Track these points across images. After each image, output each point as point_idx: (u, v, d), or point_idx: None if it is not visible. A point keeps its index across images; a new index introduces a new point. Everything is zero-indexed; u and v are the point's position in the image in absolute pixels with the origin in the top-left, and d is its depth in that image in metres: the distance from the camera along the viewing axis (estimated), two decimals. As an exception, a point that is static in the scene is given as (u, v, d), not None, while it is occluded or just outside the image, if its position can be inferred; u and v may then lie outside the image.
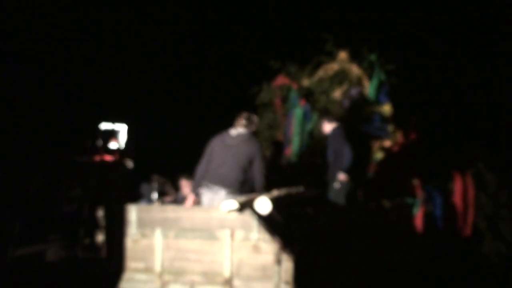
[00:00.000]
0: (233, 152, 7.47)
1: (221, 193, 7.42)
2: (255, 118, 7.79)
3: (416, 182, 9.66)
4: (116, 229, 8.23)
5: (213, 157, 7.56)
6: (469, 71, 13.58)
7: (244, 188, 7.42)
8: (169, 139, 13.86)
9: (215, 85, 14.70)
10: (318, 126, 9.25)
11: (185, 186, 9.43)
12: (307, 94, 11.11)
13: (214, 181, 7.47)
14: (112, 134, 10.84)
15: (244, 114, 7.73)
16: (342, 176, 8.76)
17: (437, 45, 14.06)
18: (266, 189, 7.44)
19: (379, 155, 10.25)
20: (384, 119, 10.52)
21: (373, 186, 9.75)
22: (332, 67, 11.22)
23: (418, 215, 9.46)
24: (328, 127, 9.20)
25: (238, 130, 7.65)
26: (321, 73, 11.28)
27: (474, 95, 12.71)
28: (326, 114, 9.50)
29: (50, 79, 13.68)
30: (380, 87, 10.82)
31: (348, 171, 8.74)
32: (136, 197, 9.86)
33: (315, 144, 10.42)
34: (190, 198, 7.73)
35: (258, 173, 7.48)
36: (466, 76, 13.44)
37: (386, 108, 10.58)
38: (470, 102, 12.39)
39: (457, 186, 9.91)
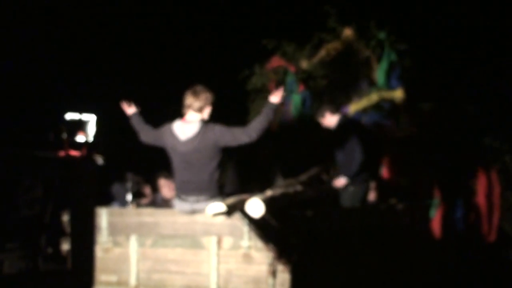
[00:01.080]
0: (189, 159, 7.05)
1: (201, 203, 7.01)
2: (203, 93, 7.11)
3: (433, 180, 9.70)
4: (84, 236, 8.23)
5: (172, 163, 7.20)
6: (495, 52, 13.59)
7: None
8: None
9: (198, 68, 14.68)
10: (318, 117, 9.05)
11: (165, 186, 9.43)
12: (306, 78, 11.14)
13: (185, 191, 7.09)
14: (79, 126, 10.84)
15: (188, 94, 7.12)
16: (340, 182, 8.72)
17: (458, 20, 14.07)
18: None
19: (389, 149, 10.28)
20: (395, 107, 10.56)
21: (383, 185, 9.78)
22: (335, 47, 11.25)
23: (436, 217, 9.52)
24: (332, 119, 8.99)
25: (185, 128, 7.10)
26: (322, 53, 11.31)
27: (500, 80, 12.73)
28: (329, 103, 9.34)
29: (4, 61, 13.64)
30: (390, 69, 10.85)
31: (353, 176, 8.68)
32: (107, 199, 9.86)
33: (315, 135, 10.45)
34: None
35: (240, 136, 7.02)
36: (492, 58, 13.45)
37: (398, 94, 10.61)
38: (495, 88, 12.41)
39: (481, 184, 9.96)
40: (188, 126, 7.05)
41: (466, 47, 13.67)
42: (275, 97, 7.04)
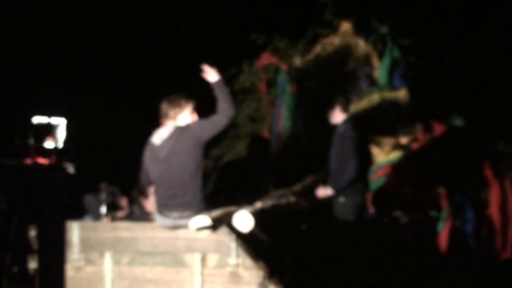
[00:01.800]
0: (169, 166, 7.10)
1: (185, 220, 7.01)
2: (178, 100, 7.31)
3: (441, 190, 9.72)
4: (53, 253, 8.21)
5: (153, 179, 7.30)
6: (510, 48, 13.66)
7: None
8: (121, 138, 13.82)
9: (181, 67, 14.66)
10: (326, 110, 8.91)
11: (153, 196, 9.38)
12: (300, 77, 11.15)
13: (167, 207, 7.11)
14: (47, 131, 10.80)
15: (164, 103, 7.34)
16: (324, 192, 8.70)
17: (468, 13, 14.12)
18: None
19: (393, 156, 10.29)
20: (399, 108, 10.57)
21: (386, 196, 9.79)
22: (332, 42, 11.28)
23: (444, 231, 9.53)
24: (339, 117, 8.92)
25: (160, 133, 7.25)
26: (318, 49, 11.33)
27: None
28: (342, 97, 9.05)
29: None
30: (393, 67, 10.88)
31: (341, 190, 8.66)
32: (79, 211, 9.84)
33: (310, 141, 10.47)
34: None
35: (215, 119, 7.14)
36: (506, 54, 13.52)
37: (401, 94, 10.64)
38: (509, 88, 12.47)
39: (493, 195, 9.98)
40: (162, 130, 7.22)
41: (477, 42, 13.72)
42: (211, 75, 7.23)
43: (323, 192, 8.69)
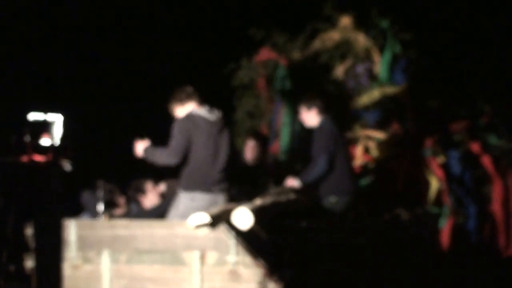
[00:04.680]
0: (218, 143, 7.77)
1: (221, 197, 7.73)
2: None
3: (442, 185, 9.72)
4: (50, 252, 8.21)
5: (198, 150, 7.71)
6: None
7: None
8: (118, 134, 13.81)
9: (178, 62, 14.65)
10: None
11: (151, 192, 9.40)
12: (300, 72, 11.14)
13: (213, 181, 7.68)
14: (44, 127, 10.80)
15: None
16: (291, 182, 8.70)
17: (473, 7, 14.11)
18: None
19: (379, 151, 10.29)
20: (400, 105, 10.57)
21: (386, 192, 9.80)
22: (332, 37, 11.28)
23: (446, 228, 9.54)
24: (310, 118, 8.98)
25: (204, 111, 7.85)
26: (317, 44, 11.33)
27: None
28: (307, 97, 9.15)
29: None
30: (394, 62, 10.88)
31: (309, 183, 8.67)
32: (76, 209, 9.85)
33: (310, 137, 10.47)
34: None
35: None
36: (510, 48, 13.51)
37: (402, 90, 10.63)
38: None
39: (496, 190, 9.99)
40: (201, 109, 7.80)
41: (479, 38, 13.71)
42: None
43: (291, 183, 8.69)
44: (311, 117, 8.95)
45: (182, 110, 7.79)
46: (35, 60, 14.43)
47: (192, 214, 7.05)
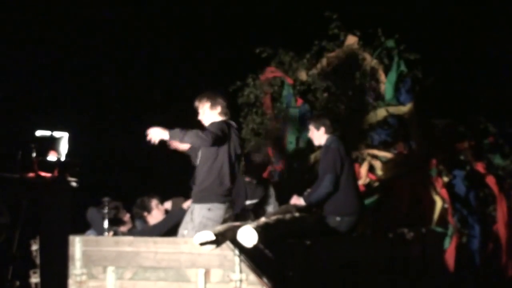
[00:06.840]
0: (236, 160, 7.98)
1: (229, 208, 8.05)
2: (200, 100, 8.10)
3: (446, 205, 9.75)
4: (55, 268, 8.25)
5: (223, 162, 7.86)
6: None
7: None
8: (124, 152, 13.85)
9: (185, 80, 14.69)
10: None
11: (156, 209, 9.41)
12: (305, 91, 11.19)
13: (229, 195, 7.89)
14: (50, 144, 10.86)
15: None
16: (296, 200, 8.68)
17: (475, 27, 14.14)
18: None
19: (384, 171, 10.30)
20: (405, 124, 10.58)
21: (391, 212, 9.81)
22: (338, 56, 11.30)
23: (450, 248, 9.54)
24: (319, 136, 8.88)
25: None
26: (323, 63, 11.35)
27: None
28: (315, 117, 9.12)
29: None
30: (399, 82, 10.88)
31: (315, 202, 8.66)
32: (81, 225, 9.89)
33: (315, 155, 10.48)
34: None
35: None
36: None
37: (408, 110, 10.60)
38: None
39: (500, 211, 10.00)
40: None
41: (485, 58, 13.74)
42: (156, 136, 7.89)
43: (296, 201, 8.68)
44: (319, 136, 8.94)
45: (209, 110, 7.99)
46: (42, 78, 14.50)
47: (211, 224, 7.15)
